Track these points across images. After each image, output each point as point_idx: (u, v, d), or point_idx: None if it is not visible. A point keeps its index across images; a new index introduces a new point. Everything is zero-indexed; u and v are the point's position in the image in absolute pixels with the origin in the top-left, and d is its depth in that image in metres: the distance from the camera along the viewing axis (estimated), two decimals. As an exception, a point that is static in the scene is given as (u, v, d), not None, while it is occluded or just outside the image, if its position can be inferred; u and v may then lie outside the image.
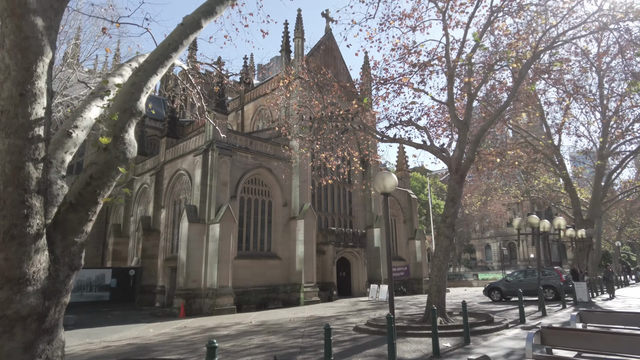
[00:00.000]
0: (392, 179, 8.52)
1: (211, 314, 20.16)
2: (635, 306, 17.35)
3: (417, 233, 36.47)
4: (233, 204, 23.18)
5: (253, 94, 33.30)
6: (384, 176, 8.57)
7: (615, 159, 30.35)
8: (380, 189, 8.61)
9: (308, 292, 24.48)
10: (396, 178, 8.57)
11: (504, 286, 22.04)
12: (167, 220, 26.73)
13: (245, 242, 24.53)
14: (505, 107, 14.28)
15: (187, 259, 21.43)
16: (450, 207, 13.83)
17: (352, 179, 31.66)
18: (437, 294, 12.98)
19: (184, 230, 21.94)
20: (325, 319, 17.14)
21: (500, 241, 76.67)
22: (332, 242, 27.70)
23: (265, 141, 26.01)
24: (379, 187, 8.62)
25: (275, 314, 20.00)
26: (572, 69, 20.12)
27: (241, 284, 22.91)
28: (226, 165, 22.95)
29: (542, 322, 12.92)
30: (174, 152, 26.96)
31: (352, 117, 16.72)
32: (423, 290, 34.26)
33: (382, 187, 8.55)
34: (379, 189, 8.64)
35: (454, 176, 14.18)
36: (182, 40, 6.41)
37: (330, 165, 18.37)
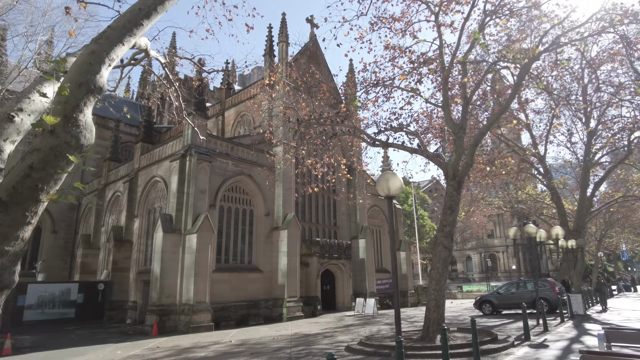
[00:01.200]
0: (397, 180, 7.48)
1: (187, 331, 18.58)
2: (635, 319, 16.73)
3: (402, 244, 35.57)
4: (212, 213, 21.75)
5: (234, 99, 32.08)
6: (387, 177, 7.52)
7: (601, 167, 30.28)
8: (384, 191, 7.55)
9: (291, 307, 23.10)
10: (401, 179, 7.53)
11: (496, 299, 21.23)
12: (141, 230, 25.03)
13: (225, 254, 23.06)
14: (505, 109, 13.56)
15: (162, 272, 19.84)
16: (448, 215, 12.89)
17: (337, 188, 30.66)
18: (436, 309, 11.93)
19: (158, 241, 20.37)
20: (312, 336, 15.86)
21: (482, 252, 76.80)
22: (316, 254, 26.46)
23: (247, 147, 24.76)
24: (382, 190, 7.56)
25: (257, 331, 18.59)
26: (564, 75, 19.76)
27: (220, 299, 21.39)
28: (205, 172, 21.57)
29: (547, 339, 12.02)
30: (150, 157, 25.40)
31: (342, 120, 15.71)
32: (408, 303, 33.29)
33: (386, 189, 7.49)
34: (382, 192, 7.58)
35: (452, 182, 13.29)
36: (156, 6, 5.21)
37: (317, 172, 17.32)
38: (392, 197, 7.53)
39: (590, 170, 28.60)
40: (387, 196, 7.54)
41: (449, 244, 12.67)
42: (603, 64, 22.42)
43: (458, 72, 17.39)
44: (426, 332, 11.82)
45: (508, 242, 75.43)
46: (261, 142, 25.10)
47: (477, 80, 15.04)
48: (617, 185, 35.96)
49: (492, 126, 14.25)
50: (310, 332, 17.43)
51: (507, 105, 13.37)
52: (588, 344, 11.02)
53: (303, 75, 15.75)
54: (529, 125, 28.02)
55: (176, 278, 20.17)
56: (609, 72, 23.71)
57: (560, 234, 16.36)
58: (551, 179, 29.23)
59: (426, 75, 14.79)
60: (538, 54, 12.88)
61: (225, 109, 32.49)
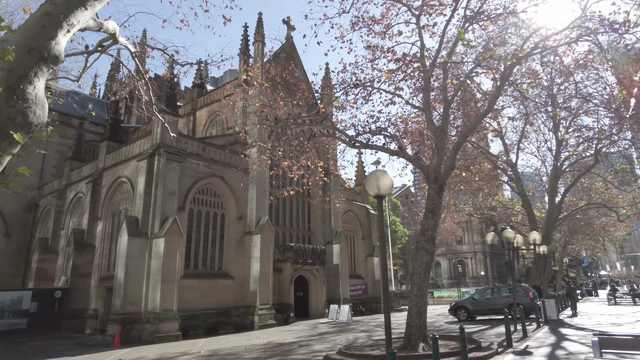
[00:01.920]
0: (387, 179, 6.99)
1: (152, 341, 17.45)
2: (606, 323, 16.95)
3: (376, 249, 35.33)
4: (181, 216, 20.71)
5: (207, 98, 31.06)
6: (378, 175, 7.02)
7: (570, 175, 31.10)
8: (373, 190, 7.04)
9: (263, 315, 22.26)
10: (392, 178, 7.05)
11: (471, 305, 21.15)
12: (104, 234, 23.60)
13: (194, 260, 22.01)
14: (487, 112, 13.44)
15: (126, 277, 18.62)
16: (430, 218, 12.56)
17: (312, 192, 30.11)
18: (419, 315, 11.52)
19: (122, 244, 19.15)
20: (287, 346, 15.14)
21: (452, 258, 77.95)
22: (290, 259, 25.74)
23: (220, 148, 23.83)
24: (372, 189, 7.05)
25: (228, 340, 17.68)
26: (539, 83, 20.04)
27: (188, 306, 20.32)
28: (174, 173, 20.53)
29: (529, 345, 11.83)
30: (116, 157, 24.06)
31: (322, 120, 15.21)
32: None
33: (376, 188, 6.99)
34: (371, 191, 7.07)
35: (433, 185, 12.98)
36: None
37: (293, 175, 16.71)
38: (382, 196, 7.04)
39: (559, 178, 29.35)
40: (377, 195, 7.04)
41: (431, 248, 12.33)
42: (573, 74, 23.05)
43: (436, 77, 17.29)
44: (408, 340, 11.38)
45: (476, 249, 77.00)
46: (235, 143, 24.26)
47: (458, 83, 14.89)
48: (580, 194, 37.15)
49: (474, 129, 14.10)
50: (284, 341, 16.70)
51: (491, 108, 13.26)
52: (571, 349, 10.87)
53: (282, 72, 15.16)
54: (501, 132, 28.47)
55: (142, 284, 19.00)
56: (577, 84, 24.44)
57: (538, 239, 16.42)
58: (522, 186, 29.76)
59: (411, 74, 14.47)
60: (523, 56, 12.81)
61: (197, 109, 31.40)
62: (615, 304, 28.59)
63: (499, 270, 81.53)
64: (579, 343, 11.92)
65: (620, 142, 25.64)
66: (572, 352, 10.39)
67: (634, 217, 34.55)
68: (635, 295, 27.13)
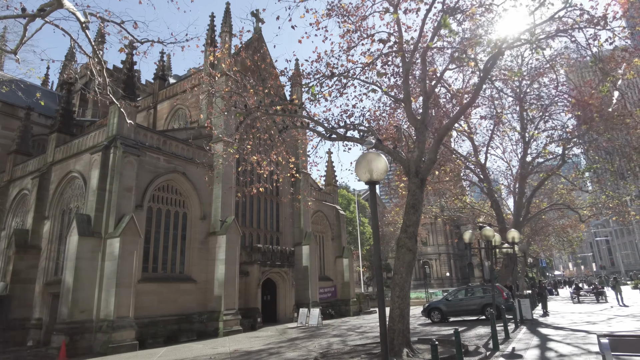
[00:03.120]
0: (381, 161, 6.05)
1: (105, 353, 15.73)
2: (580, 322, 16.81)
3: (345, 251, 34.56)
4: (139, 214, 19.03)
5: (169, 91, 29.26)
6: (370, 158, 6.06)
7: (537, 174, 31.54)
8: (365, 176, 6.08)
9: (229, 321, 20.84)
10: (386, 160, 6.12)
11: (445, 306, 20.64)
12: (52, 234, 21.44)
13: (153, 262, 20.31)
14: (470, 103, 12.83)
15: (75, 282, 16.76)
16: (411, 214, 11.77)
17: (281, 191, 28.95)
18: (401, 318, 10.66)
19: (72, 245, 17.27)
20: (255, 354, 13.92)
21: (417, 260, 78.53)
22: (257, 262, 24.42)
23: (183, 142, 22.25)
24: (363, 173, 6.08)
25: (190, 349, 16.22)
26: (512, 80, 19.92)
27: (146, 313, 18.66)
28: (132, 167, 18.83)
29: (515, 347, 11.23)
30: (67, 150, 21.96)
31: (296, 110, 14.16)
32: (351, 312, 32.21)
33: (368, 172, 6.03)
34: (363, 176, 6.10)
35: (414, 180, 12.22)
36: None
37: (262, 171, 15.56)
38: (375, 182, 6.08)
39: (526, 179, 29.70)
40: (370, 181, 6.07)
41: (413, 246, 11.53)
42: (542, 75, 23.25)
43: (414, 70, 16.67)
44: (391, 344, 10.49)
45: (441, 250, 78.07)
46: (198, 137, 22.76)
47: (438, 75, 14.26)
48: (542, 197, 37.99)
49: (457, 121, 13.50)
50: (252, 348, 15.45)
51: (475, 98, 12.67)
52: (561, 351, 10.34)
53: (252, 55, 14.02)
54: (471, 133, 28.45)
55: (93, 289, 17.19)
56: (542, 85, 24.75)
57: (517, 237, 16.07)
58: (492, 186, 29.87)
59: (390, 60, 13.68)
60: (507, 46, 12.30)
61: (158, 102, 29.52)
62: (579, 302, 29.10)
63: (462, 271, 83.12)
64: (565, 344, 11.46)
65: (585, 143, 26.11)
66: (564, 354, 9.85)
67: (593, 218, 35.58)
68: (598, 293, 27.69)
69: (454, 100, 18.40)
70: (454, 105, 19.77)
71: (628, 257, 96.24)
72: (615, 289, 25.38)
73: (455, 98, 18.71)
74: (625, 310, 21.61)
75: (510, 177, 32.93)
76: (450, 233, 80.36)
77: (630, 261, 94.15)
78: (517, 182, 30.01)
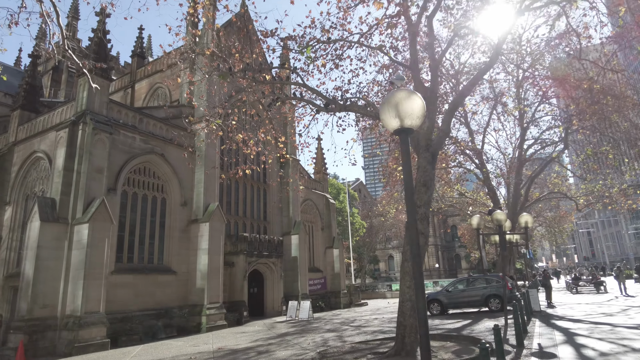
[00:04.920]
0: (415, 102, 4.43)
1: (69, 353, 13.90)
2: (595, 313, 15.62)
3: (335, 241, 33.07)
4: (111, 199, 17.13)
5: (147, 69, 27.10)
6: (399, 98, 4.43)
7: (534, 162, 30.57)
8: (393, 123, 4.45)
9: (212, 315, 19.14)
10: (422, 101, 4.50)
11: (445, 298, 19.29)
12: (14, 222, 19.35)
13: (128, 252, 18.45)
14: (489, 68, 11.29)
15: (36, 273, 14.83)
16: (422, 193, 10.23)
17: (269, 175, 27.22)
18: (412, 312, 9.13)
19: (33, 232, 15.29)
20: (242, 353, 12.29)
21: (404, 252, 77.81)
22: (243, 252, 22.71)
23: (162, 121, 20.31)
24: (390, 118, 4.46)
25: (168, 347, 14.50)
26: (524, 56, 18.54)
27: (120, 307, 16.84)
28: (103, 146, 16.86)
29: (541, 344, 9.83)
30: (31, 128, 19.82)
31: (288, 77, 12.45)
32: (342, 305, 30.82)
33: (397, 117, 4.40)
34: (390, 123, 4.48)
35: (425, 155, 10.67)
36: None
37: (249, 151, 13.81)
38: (408, 130, 4.46)
39: (524, 166, 28.61)
40: (400, 129, 4.45)
41: (425, 228, 10.00)
42: (542, 57, 21.97)
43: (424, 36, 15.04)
44: (401, 343, 8.97)
45: (429, 242, 77.35)
46: (178, 117, 20.82)
47: (448, 38, 12.69)
48: (534, 187, 37.11)
49: (473, 88, 11.99)
50: (238, 346, 13.81)
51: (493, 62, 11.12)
52: (599, 348, 8.98)
53: (238, 34, 12.24)
54: (466, 117, 27.18)
55: (58, 282, 15.30)
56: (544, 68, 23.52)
57: (530, 222, 14.76)
58: (488, 173, 28.68)
59: (393, 22, 12.03)
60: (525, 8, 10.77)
61: (136, 81, 27.35)
62: (577, 292, 28.21)
63: (449, 262, 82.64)
64: (596, 339, 10.13)
65: (586, 129, 25.03)
66: (606, 353, 8.48)
67: (590, 207, 34.79)
68: (597, 284, 26.79)
69: (459, 77, 16.92)
70: (459, 81, 18.33)
71: (609, 249, 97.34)
72: (618, 279, 24.45)
73: (460, 75, 17.24)
74: (635, 300, 20.63)
75: (504, 166, 31.93)
76: (438, 224, 79.81)
77: (611, 252, 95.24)
78: (514, 170, 28.92)
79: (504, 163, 32.69)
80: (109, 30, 19.02)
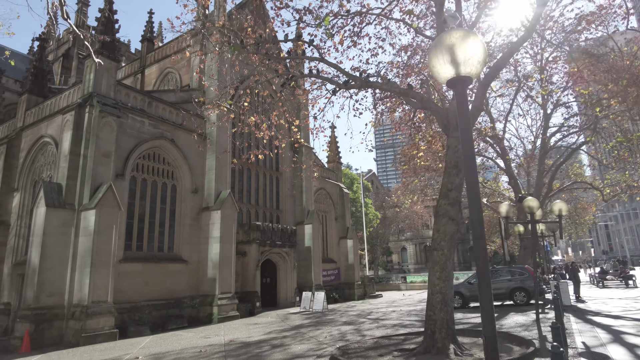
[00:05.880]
0: (474, 44, 3.51)
1: (77, 343, 13.36)
2: (633, 309, 14.56)
3: (350, 231, 32.23)
4: (119, 185, 16.51)
5: (158, 53, 26.38)
6: (455, 38, 3.53)
7: (557, 153, 29.32)
8: (444, 71, 3.56)
9: (224, 306, 18.52)
10: (483, 42, 3.58)
11: (467, 290, 18.35)
12: (22, 208, 18.91)
13: (137, 240, 17.86)
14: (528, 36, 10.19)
15: (42, 261, 14.31)
16: (454, 175, 9.29)
17: (282, 163, 26.42)
18: (443, 306, 8.27)
19: (39, 218, 14.75)
20: (255, 346, 11.58)
21: (418, 243, 76.86)
22: (256, 241, 22.01)
23: (171, 105, 19.60)
24: (441, 66, 3.56)
25: (178, 339, 13.88)
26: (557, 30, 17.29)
27: (129, 297, 16.29)
28: (111, 129, 16.20)
29: (586, 342, 8.89)
30: (38, 113, 19.27)
31: (304, 51, 11.54)
32: (355, 296, 30.05)
33: (451, 62, 3.51)
34: (442, 70, 3.57)
35: (456, 133, 9.69)
36: None
37: (262, 135, 13.01)
38: (465, 79, 3.55)
39: (547, 154, 27.33)
40: (455, 78, 3.55)
41: (457, 214, 9.07)
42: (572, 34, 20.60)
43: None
44: (431, 339, 8.12)
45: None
46: (188, 102, 20.04)
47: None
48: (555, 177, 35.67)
49: (510, 58, 10.92)
50: (251, 338, 13.12)
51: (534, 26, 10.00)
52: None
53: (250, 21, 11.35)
54: (487, 103, 25.94)
55: (65, 270, 14.77)
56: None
57: (565, 209, 13.64)
58: (510, 161, 27.50)
59: None
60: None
61: (145, 66, 26.67)
62: (603, 286, 26.98)
63: (464, 255, 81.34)
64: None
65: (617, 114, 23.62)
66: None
67: (616, 197, 33.32)
68: (627, 277, 25.52)
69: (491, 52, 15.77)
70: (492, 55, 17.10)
71: (629, 243, 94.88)
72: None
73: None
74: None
75: (524, 155, 30.73)
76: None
77: (631, 246, 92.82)
78: (536, 159, 27.70)
79: (523, 152, 31.51)
80: (116, 10, 18.27)
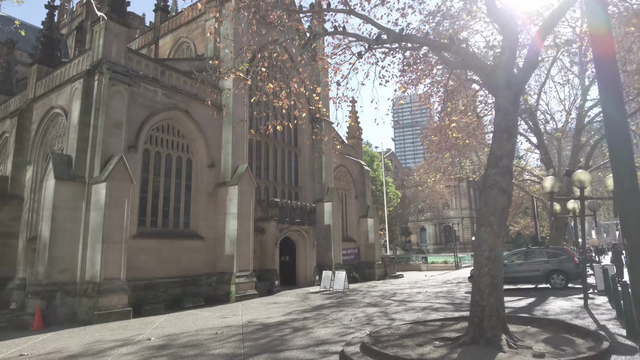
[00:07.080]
0: None
1: (89, 321, 12.78)
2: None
3: (370, 210, 31.16)
4: (132, 157, 15.69)
5: (172, 23, 25.24)
6: None
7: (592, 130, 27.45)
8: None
9: (242, 284, 17.81)
10: None
11: (500, 272, 17.13)
12: (35, 182, 18.35)
13: (151, 215, 17.14)
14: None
15: (53, 236, 13.69)
16: (504, 141, 8.03)
17: (299, 141, 25.33)
18: (493, 290, 7.15)
19: (49, 191, 14.08)
20: (274, 328, 10.73)
21: (437, 224, 75.43)
22: (274, 218, 21.15)
23: (185, 74, 18.55)
24: None
25: (194, 318, 13.19)
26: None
27: (143, 274, 15.67)
28: (121, 98, 15.27)
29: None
30: (49, 83, 18.47)
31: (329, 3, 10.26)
32: (376, 276, 29.18)
33: None
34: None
35: (505, 93, 8.37)
36: None
37: (280, 104, 11.89)
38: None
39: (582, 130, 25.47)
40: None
41: (508, 185, 7.84)
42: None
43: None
44: (479, 328, 7.04)
45: (464, 214, 74.42)
46: (203, 71, 18.94)
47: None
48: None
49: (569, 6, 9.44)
50: (270, 319, 12.30)
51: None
52: None
53: None
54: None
55: (76, 245, 14.14)
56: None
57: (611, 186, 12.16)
58: (542, 136, 25.81)
59: None
60: None
61: (159, 37, 25.59)
62: None
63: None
64: None
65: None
66: None
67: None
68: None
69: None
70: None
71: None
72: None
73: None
74: None
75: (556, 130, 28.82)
76: (474, 196, 76.33)
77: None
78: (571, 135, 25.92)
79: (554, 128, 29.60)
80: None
